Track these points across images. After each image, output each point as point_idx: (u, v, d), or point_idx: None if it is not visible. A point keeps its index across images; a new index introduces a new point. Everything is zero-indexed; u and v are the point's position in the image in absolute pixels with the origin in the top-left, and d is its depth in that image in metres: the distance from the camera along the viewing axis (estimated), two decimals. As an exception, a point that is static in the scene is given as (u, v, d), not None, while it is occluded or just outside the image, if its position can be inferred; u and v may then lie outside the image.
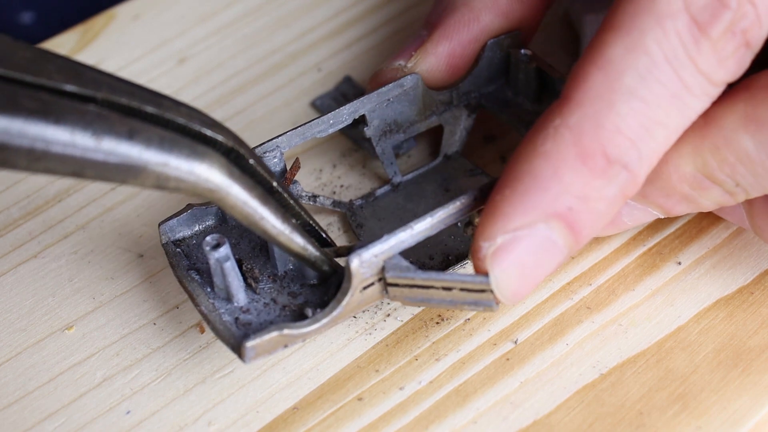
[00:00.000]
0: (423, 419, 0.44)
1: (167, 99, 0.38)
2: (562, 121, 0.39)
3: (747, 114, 0.40)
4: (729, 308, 0.46)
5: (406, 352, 0.46)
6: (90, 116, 0.35)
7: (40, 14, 0.74)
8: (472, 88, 0.51)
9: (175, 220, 0.46)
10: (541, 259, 0.40)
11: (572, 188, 0.39)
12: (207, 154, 0.38)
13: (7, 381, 0.46)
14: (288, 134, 0.47)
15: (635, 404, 0.43)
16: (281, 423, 0.44)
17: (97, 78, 0.37)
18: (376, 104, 0.49)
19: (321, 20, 0.60)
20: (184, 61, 0.58)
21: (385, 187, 0.51)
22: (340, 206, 0.50)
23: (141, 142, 0.36)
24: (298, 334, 0.42)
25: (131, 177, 0.36)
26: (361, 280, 0.42)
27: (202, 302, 0.43)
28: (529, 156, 0.40)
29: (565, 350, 0.45)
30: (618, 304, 0.47)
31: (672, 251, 0.48)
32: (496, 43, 0.49)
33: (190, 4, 0.61)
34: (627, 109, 0.38)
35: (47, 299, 0.48)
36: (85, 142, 0.35)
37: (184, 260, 0.45)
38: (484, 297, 0.41)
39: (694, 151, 0.41)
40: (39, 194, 0.52)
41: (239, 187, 0.39)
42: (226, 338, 0.42)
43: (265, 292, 0.44)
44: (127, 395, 0.45)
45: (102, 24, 0.60)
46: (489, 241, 0.40)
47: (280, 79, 0.57)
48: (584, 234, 0.40)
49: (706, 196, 0.42)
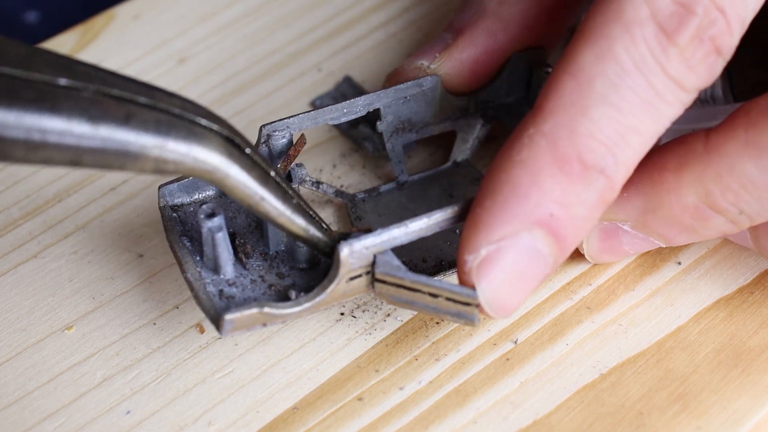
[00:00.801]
0: (423, 419, 0.44)
1: (160, 91, 0.38)
2: (536, 129, 0.39)
3: (748, 140, 0.40)
4: (729, 308, 0.46)
5: (406, 352, 0.46)
6: (85, 103, 0.35)
7: (44, 14, 0.74)
8: (491, 98, 0.50)
9: (176, 184, 0.46)
10: (527, 269, 0.40)
11: (552, 195, 0.39)
12: (205, 136, 0.38)
13: (7, 381, 0.46)
14: (300, 116, 0.47)
15: (635, 404, 0.43)
16: (281, 423, 0.44)
17: (90, 71, 0.37)
18: (392, 100, 0.48)
19: (321, 20, 0.60)
20: (184, 61, 0.58)
21: (390, 184, 0.51)
22: (343, 196, 0.50)
23: (137, 125, 0.36)
24: (278, 314, 0.42)
25: (129, 162, 0.36)
26: (348, 270, 0.42)
27: (189, 269, 0.43)
28: (506, 166, 0.40)
29: (565, 350, 0.45)
30: (618, 304, 0.47)
31: (672, 251, 0.48)
32: (520, 57, 0.49)
33: (190, 4, 0.61)
34: (599, 115, 0.39)
35: (47, 299, 0.48)
36: (82, 128, 0.35)
37: (178, 225, 0.45)
38: (468, 310, 0.41)
39: (696, 180, 0.41)
40: (39, 194, 0.52)
41: (239, 168, 0.39)
42: (207, 308, 0.42)
43: (254, 269, 0.44)
44: (127, 395, 0.45)
45: (102, 24, 0.60)
46: (473, 254, 0.40)
47: (280, 79, 0.57)
48: (568, 241, 0.40)
49: (708, 226, 0.42)
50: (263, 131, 0.46)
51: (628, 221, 0.43)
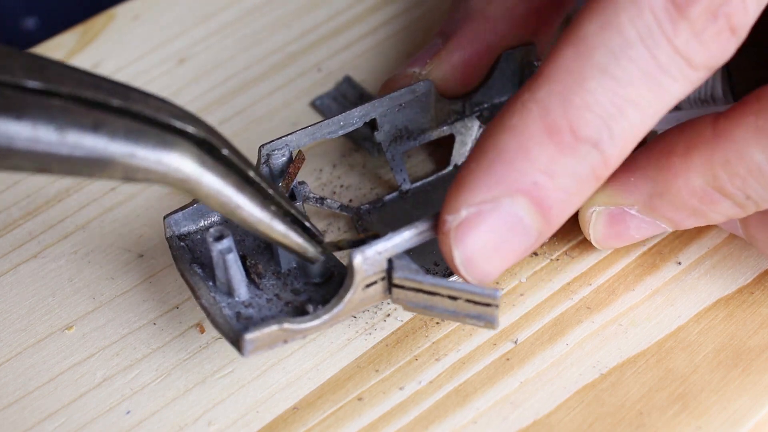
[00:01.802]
0: (423, 419, 0.44)
1: (135, 91, 0.38)
2: (530, 95, 0.39)
3: (758, 126, 0.39)
4: (729, 308, 0.46)
5: (406, 352, 0.46)
6: (53, 110, 0.35)
7: (43, 19, 0.74)
8: (485, 98, 0.50)
9: (181, 213, 0.45)
10: (507, 236, 0.39)
11: (538, 163, 0.38)
12: (176, 144, 0.37)
13: (7, 381, 0.46)
14: (297, 133, 0.46)
15: (635, 404, 0.43)
16: (281, 423, 0.44)
17: (62, 73, 0.36)
18: (388, 108, 0.48)
19: (321, 20, 0.60)
20: (184, 61, 0.58)
21: (394, 193, 0.50)
22: (348, 210, 0.50)
23: (106, 134, 0.35)
24: (298, 329, 0.42)
25: (98, 170, 0.36)
26: (363, 278, 0.41)
27: (203, 295, 0.43)
28: (497, 130, 0.39)
29: (565, 350, 0.45)
30: (618, 304, 0.47)
31: (672, 251, 0.48)
32: (510, 55, 0.49)
33: (190, 4, 0.61)
34: (596, 86, 0.38)
35: (47, 299, 0.48)
36: (49, 136, 0.35)
37: (187, 254, 0.45)
38: (488, 312, 0.41)
39: (704, 164, 0.41)
40: (39, 194, 0.52)
41: (212, 176, 0.38)
42: (226, 332, 0.42)
43: (268, 288, 0.44)
44: (127, 395, 0.45)
45: (102, 24, 0.60)
46: (453, 214, 0.39)
47: (280, 79, 0.57)
48: (553, 213, 0.39)
49: (715, 210, 0.42)
50: (262, 151, 0.46)
51: (636, 205, 0.43)
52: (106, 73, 0.57)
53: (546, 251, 0.49)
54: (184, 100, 0.56)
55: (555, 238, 0.49)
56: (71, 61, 0.58)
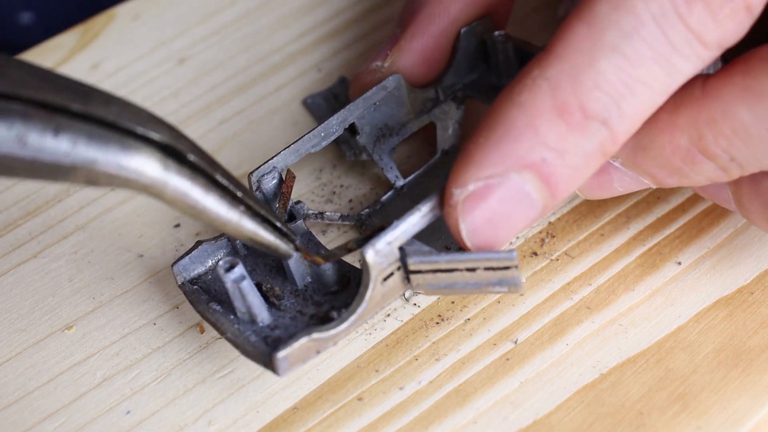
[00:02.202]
0: (423, 419, 0.44)
1: (99, 94, 0.37)
2: (540, 72, 0.39)
3: (745, 86, 0.39)
4: (729, 308, 0.46)
5: (406, 352, 0.46)
6: (12, 115, 0.35)
7: (39, 14, 0.74)
8: (455, 80, 0.51)
9: (187, 258, 0.45)
10: (513, 209, 0.40)
11: (547, 140, 0.39)
12: (138, 149, 0.37)
13: (7, 381, 0.46)
14: (283, 153, 0.47)
15: (635, 404, 0.43)
16: (281, 423, 0.44)
17: (23, 76, 0.36)
18: (364, 110, 0.48)
19: (321, 20, 0.60)
20: (184, 61, 0.58)
21: (390, 193, 0.51)
22: (349, 219, 0.49)
23: (67, 140, 0.35)
24: (327, 336, 0.41)
25: (60, 175, 0.36)
26: (379, 271, 0.41)
27: (227, 329, 0.43)
28: (505, 106, 0.39)
29: (565, 350, 0.45)
30: (618, 304, 0.47)
31: (672, 251, 0.48)
32: (469, 31, 0.49)
33: (190, 4, 0.61)
34: (607, 65, 0.38)
35: (47, 299, 0.48)
36: (9, 143, 0.35)
37: (203, 295, 0.45)
38: (509, 275, 0.40)
39: (690, 122, 0.40)
40: (39, 194, 0.52)
41: (177, 181, 0.38)
42: (257, 357, 0.42)
43: (289, 308, 0.44)
44: (127, 395, 0.45)
45: (102, 24, 0.60)
46: (461, 188, 0.40)
47: (280, 79, 0.57)
48: (560, 188, 0.40)
49: (698, 171, 0.42)
50: (252, 178, 0.46)
51: (619, 158, 0.43)
52: (106, 73, 0.57)
53: (546, 251, 0.49)
54: (184, 100, 0.56)
55: (555, 238, 0.49)
56: (71, 61, 0.58)
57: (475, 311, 0.47)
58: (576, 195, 0.50)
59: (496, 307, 0.47)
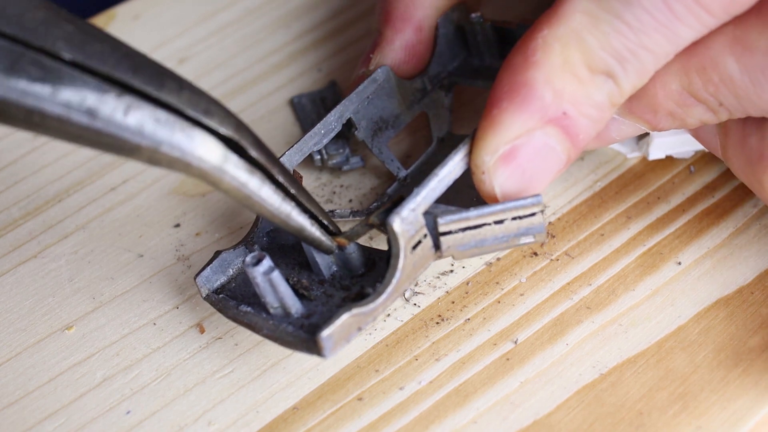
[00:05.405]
0: (423, 419, 0.44)
1: (173, 80, 0.38)
2: (549, 31, 0.41)
3: (735, 37, 0.40)
4: (729, 308, 0.46)
5: (406, 352, 0.46)
6: (87, 89, 0.36)
7: None
8: (440, 69, 0.52)
9: (209, 269, 0.45)
10: (541, 164, 0.42)
11: (564, 95, 0.41)
12: (203, 139, 0.38)
13: (7, 381, 0.46)
14: (287, 154, 0.47)
15: (635, 404, 0.43)
16: (281, 423, 0.44)
17: (104, 50, 0.37)
18: (358, 104, 0.49)
19: (321, 20, 0.60)
20: (184, 61, 0.58)
21: (394, 185, 0.51)
22: (359, 214, 0.50)
23: (136, 120, 0.36)
24: (368, 310, 0.42)
25: (125, 151, 0.37)
26: (408, 239, 0.41)
27: (263, 326, 0.43)
28: (521, 67, 0.41)
29: (565, 350, 0.45)
30: (618, 304, 0.47)
31: (672, 251, 0.48)
32: (445, 19, 0.50)
33: (190, 4, 0.61)
34: (610, 30, 0.40)
35: (47, 299, 0.48)
36: (80, 114, 0.36)
37: (230, 302, 0.45)
38: (536, 221, 0.42)
39: (681, 69, 0.42)
40: (39, 194, 0.52)
41: (236, 171, 0.39)
42: (300, 344, 0.42)
43: (319, 297, 0.44)
44: (127, 395, 0.45)
45: (102, 24, 0.60)
46: (491, 154, 0.41)
47: (280, 79, 0.57)
48: (580, 138, 0.42)
49: (690, 114, 0.43)
50: None
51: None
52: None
53: (546, 251, 0.49)
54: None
55: (555, 238, 0.49)
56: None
57: (475, 311, 0.47)
58: (575, 196, 0.50)
59: (496, 307, 0.47)
